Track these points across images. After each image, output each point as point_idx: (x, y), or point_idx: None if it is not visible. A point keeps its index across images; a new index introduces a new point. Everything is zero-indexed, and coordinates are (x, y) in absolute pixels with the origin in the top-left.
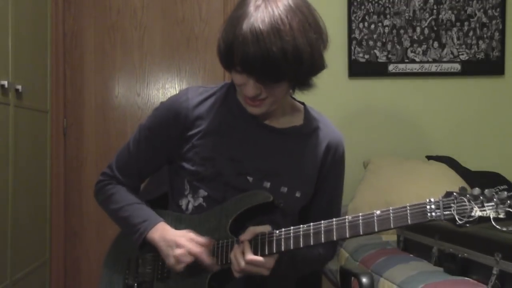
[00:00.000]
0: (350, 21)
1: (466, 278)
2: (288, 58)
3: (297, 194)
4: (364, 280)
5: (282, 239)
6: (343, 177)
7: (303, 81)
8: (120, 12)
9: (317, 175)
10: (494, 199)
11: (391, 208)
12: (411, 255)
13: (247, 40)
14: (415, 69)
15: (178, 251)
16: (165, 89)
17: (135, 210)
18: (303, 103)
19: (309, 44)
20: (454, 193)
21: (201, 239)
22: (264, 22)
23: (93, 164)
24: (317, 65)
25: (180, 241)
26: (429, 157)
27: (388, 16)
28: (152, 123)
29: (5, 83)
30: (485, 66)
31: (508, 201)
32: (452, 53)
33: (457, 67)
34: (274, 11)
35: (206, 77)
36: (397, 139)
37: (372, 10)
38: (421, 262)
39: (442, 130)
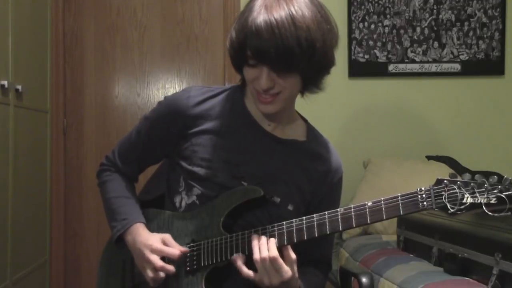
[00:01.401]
0: (350, 21)
1: (466, 278)
2: (302, 46)
3: (290, 207)
4: (364, 280)
5: (276, 235)
6: (339, 197)
7: (314, 78)
8: (120, 12)
9: (311, 195)
10: (485, 185)
11: (382, 198)
12: (411, 255)
13: (261, 29)
14: (415, 69)
15: (149, 272)
16: (165, 89)
17: (119, 205)
18: (305, 120)
19: (322, 34)
20: (445, 181)
21: (166, 248)
22: (278, 13)
23: (93, 164)
24: (328, 59)
25: (146, 256)
26: (429, 157)
27: (388, 16)
28: (154, 116)
29: (5, 83)
30: (485, 66)
31: (499, 186)
32: (452, 53)
33: (457, 67)
34: (287, 3)
35: (206, 77)
36: (397, 139)
37: (372, 10)
38: (421, 262)
39: (442, 130)
